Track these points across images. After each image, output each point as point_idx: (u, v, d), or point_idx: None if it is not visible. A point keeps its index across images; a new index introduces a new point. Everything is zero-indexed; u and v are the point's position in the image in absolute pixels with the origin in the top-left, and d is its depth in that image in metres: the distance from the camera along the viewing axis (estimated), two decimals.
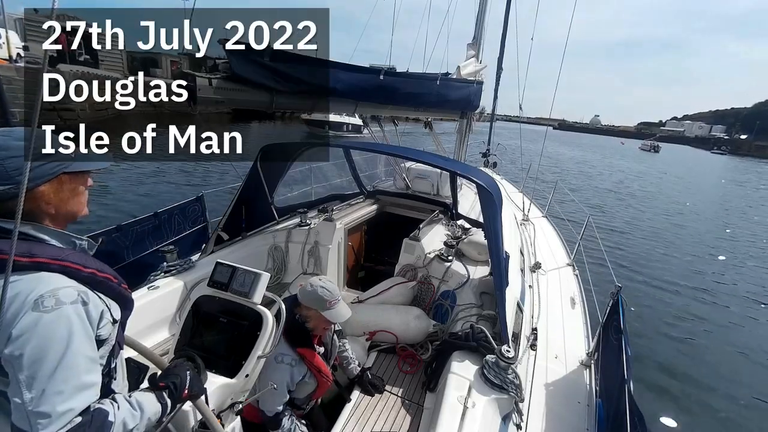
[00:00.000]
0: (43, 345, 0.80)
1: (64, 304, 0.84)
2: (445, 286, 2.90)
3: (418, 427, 2.07)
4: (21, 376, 0.79)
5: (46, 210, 0.93)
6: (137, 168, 12.48)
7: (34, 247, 0.88)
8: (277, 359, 1.79)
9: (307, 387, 1.91)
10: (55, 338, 0.81)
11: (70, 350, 0.83)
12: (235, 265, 1.92)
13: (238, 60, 2.36)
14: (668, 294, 7.60)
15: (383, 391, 2.29)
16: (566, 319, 3.12)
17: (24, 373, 0.79)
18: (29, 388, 0.79)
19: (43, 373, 0.80)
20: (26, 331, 0.80)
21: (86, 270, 0.92)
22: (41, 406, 0.79)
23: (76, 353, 0.84)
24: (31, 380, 0.79)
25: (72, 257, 0.91)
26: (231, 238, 3.09)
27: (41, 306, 0.81)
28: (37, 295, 0.82)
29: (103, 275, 0.96)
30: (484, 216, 2.60)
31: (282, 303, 1.76)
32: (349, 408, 2.15)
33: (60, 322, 0.83)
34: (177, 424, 1.49)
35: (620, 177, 25.82)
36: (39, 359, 0.80)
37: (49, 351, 0.81)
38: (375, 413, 2.18)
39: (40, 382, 0.79)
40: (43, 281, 0.85)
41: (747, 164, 55.21)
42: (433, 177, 4.51)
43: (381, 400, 2.26)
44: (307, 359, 1.84)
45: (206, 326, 1.89)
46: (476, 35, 5.48)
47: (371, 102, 3.44)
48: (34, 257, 0.85)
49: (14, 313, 0.81)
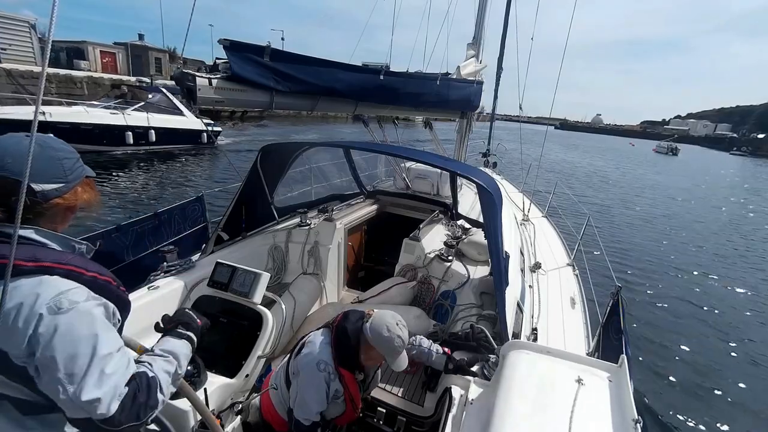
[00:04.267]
0: (72, 342, 0.84)
1: (79, 302, 0.88)
2: (445, 286, 2.90)
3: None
4: (59, 375, 0.83)
5: (77, 208, 1.03)
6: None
7: (38, 251, 0.90)
8: (320, 366, 1.67)
9: (335, 409, 1.79)
10: (80, 332, 0.86)
11: (98, 339, 0.88)
12: (235, 265, 1.93)
13: (238, 60, 2.36)
14: (669, 293, 7.60)
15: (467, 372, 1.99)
16: (566, 319, 3.11)
17: (61, 372, 0.83)
18: (71, 383, 0.83)
19: (79, 367, 0.84)
20: (50, 335, 0.83)
21: (88, 273, 0.94)
22: (88, 394, 0.83)
23: (103, 340, 0.89)
24: (71, 376, 0.83)
25: (74, 261, 0.93)
26: (231, 238, 3.09)
27: (57, 309, 0.84)
28: (47, 299, 0.85)
29: (103, 278, 0.98)
30: (484, 216, 2.60)
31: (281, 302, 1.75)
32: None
33: (81, 318, 0.87)
34: (177, 424, 1.50)
35: (667, 208, 15.78)
36: (72, 356, 0.84)
37: (79, 346, 0.85)
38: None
39: (79, 375, 0.84)
40: (48, 285, 0.87)
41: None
42: (433, 177, 4.52)
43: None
44: (345, 380, 1.72)
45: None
46: (476, 35, 5.48)
47: (371, 102, 3.44)
48: (38, 261, 0.87)
49: (27, 319, 0.83)
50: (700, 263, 9.67)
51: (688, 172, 33.29)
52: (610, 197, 17.26)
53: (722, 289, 8.15)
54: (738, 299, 7.73)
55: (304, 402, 1.66)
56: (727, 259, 10.22)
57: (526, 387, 1.49)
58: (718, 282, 8.54)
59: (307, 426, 1.68)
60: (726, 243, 11.85)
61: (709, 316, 6.91)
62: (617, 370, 1.58)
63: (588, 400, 1.42)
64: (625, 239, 10.93)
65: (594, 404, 1.41)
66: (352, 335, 1.71)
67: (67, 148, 1.00)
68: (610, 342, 2.66)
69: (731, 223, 14.55)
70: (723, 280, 8.67)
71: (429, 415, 2.10)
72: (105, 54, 29.11)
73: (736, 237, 12.72)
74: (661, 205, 16.69)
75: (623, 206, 15.57)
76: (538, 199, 6.23)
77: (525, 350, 1.69)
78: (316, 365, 1.67)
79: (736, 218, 15.67)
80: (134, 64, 30.53)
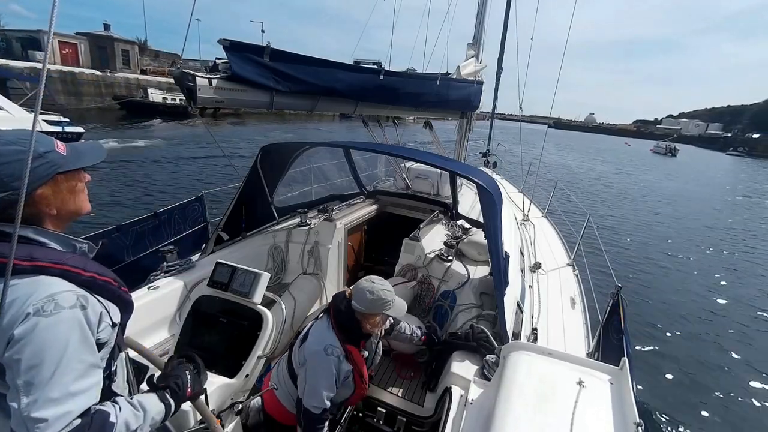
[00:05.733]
0: (41, 350, 0.80)
1: (63, 309, 0.83)
2: (445, 286, 2.90)
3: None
4: (18, 381, 0.79)
5: (48, 212, 0.93)
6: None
7: (35, 250, 0.87)
8: (327, 351, 1.69)
9: (344, 390, 1.83)
10: (52, 343, 0.81)
11: (67, 355, 0.83)
12: (235, 265, 1.93)
13: (238, 60, 2.36)
14: (669, 294, 7.61)
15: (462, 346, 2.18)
16: (566, 319, 3.11)
17: (21, 378, 0.78)
18: (27, 394, 0.78)
19: (40, 379, 0.79)
20: (24, 336, 0.79)
21: (86, 274, 0.92)
22: (38, 411, 0.78)
23: (72, 358, 0.84)
24: (29, 386, 0.78)
25: (72, 261, 0.91)
26: (231, 238, 3.08)
27: (41, 311, 0.81)
28: (36, 299, 0.82)
29: (102, 279, 0.96)
30: (484, 216, 2.60)
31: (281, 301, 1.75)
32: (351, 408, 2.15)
33: (58, 326, 0.82)
34: (177, 424, 1.49)
35: (691, 227, 13.41)
36: (36, 365, 0.79)
37: (46, 356, 0.80)
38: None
39: (37, 388, 0.79)
40: (41, 285, 0.84)
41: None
42: (433, 177, 4.52)
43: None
44: (353, 356, 1.77)
45: (206, 326, 1.89)
46: (476, 35, 5.48)
47: (371, 102, 3.44)
48: (34, 261, 0.85)
49: (13, 317, 0.80)
50: (701, 263, 9.68)
51: (697, 176, 30.97)
52: (612, 203, 17.09)
53: (723, 289, 8.15)
54: (740, 299, 7.73)
55: (314, 389, 1.67)
56: (729, 260, 10.22)
57: (527, 388, 1.49)
58: (719, 281, 8.54)
59: (317, 414, 1.69)
60: (727, 243, 11.86)
61: (710, 316, 6.91)
62: (618, 373, 1.57)
63: (589, 403, 1.42)
64: (625, 239, 10.93)
65: (595, 406, 1.41)
66: (347, 312, 1.77)
67: (10, 150, 0.84)
68: (610, 342, 2.66)
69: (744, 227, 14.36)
70: (723, 279, 8.68)
71: (429, 415, 2.10)
72: (65, 45, 26.92)
73: (743, 237, 12.69)
74: (667, 207, 16.61)
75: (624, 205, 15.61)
76: (538, 199, 6.23)
77: (526, 351, 1.69)
78: (324, 350, 1.69)
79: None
80: (99, 56, 28.43)
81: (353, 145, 3.52)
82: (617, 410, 1.40)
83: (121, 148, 16.13)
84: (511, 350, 1.72)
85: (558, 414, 1.37)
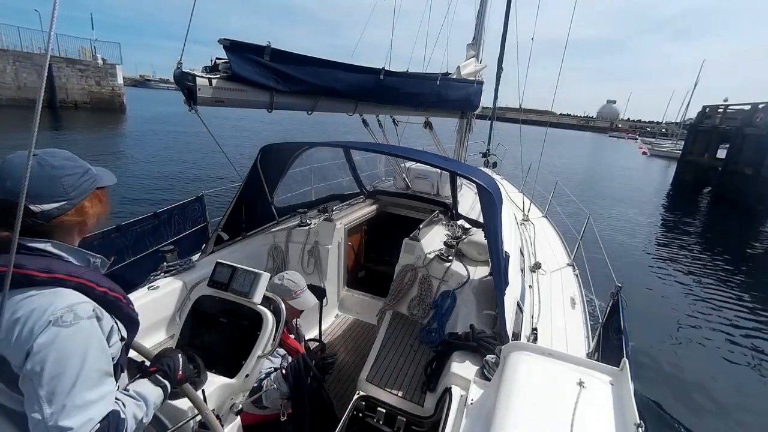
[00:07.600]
0: (62, 360, 0.82)
1: (82, 319, 0.86)
2: (445, 286, 2.89)
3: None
4: (41, 391, 0.80)
5: (85, 221, 1.00)
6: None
7: (53, 263, 0.90)
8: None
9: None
10: (73, 353, 0.84)
11: (87, 363, 0.85)
12: (235, 265, 1.92)
13: (238, 60, 2.36)
14: (669, 293, 7.60)
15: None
16: (566, 319, 3.11)
17: (44, 389, 0.80)
18: (50, 403, 0.80)
19: (62, 388, 0.81)
20: (46, 346, 0.81)
21: (99, 288, 0.94)
22: (64, 420, 0.80)
23: (92, 366, 0.86)
24: (51, 395, 0.80)
25: (87, 275, 0.93)
26: (231, 238, 3.08)
27: (60, 321, 0.83)
28: (55, 310, 0.84)
29: (114, 295, 0.98)
30: (484, 216, 2.60)
31: (281, 302, 1.76)
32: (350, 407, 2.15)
33: (78, 336, 0.85)
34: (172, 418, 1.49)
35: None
36: (58, 374, 0.81)
37: (68, 365, 0.83)
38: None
39: (60, 397, 0.81)
40: (59, 296, 0.86)
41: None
42: (433, 177, 4.51)
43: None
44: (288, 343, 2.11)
45: (206, 326, 1.89)
46: (476, 35, 5.48)
47: (371, 102, 3.44)
48: (52, 273, 0.87)
49: (31, 328, 0.82)
50: (701, 264, 9.67)
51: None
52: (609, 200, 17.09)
53: (724, 290, 8.15)
54: (741, 299, 7.73)
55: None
56: (730, 260, 10.22)
57: (527, 389, 1.49)
58: (719, 282, 8.54)
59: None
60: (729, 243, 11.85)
61: (711, 316, 6.91)
62: (619, 374, 1.57)
63: (589, 403, 1.42)
64: (625, 239, 10.93)
65: (595, 407, 1.41)
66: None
67: (70, 165, 0.97)
68: (610, 342, 2.66)
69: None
70: (724, 279, 8.68)
71: (429, 415, 2.10)
72: None
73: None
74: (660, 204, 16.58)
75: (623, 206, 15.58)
76: (538, 199, 6.23)
77: (526, 352, 1.69)
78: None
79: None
80: None
81: (353, 145, 3.52)
82: (617, 411, 1.40)
83: None
84: (511, 350, 1.72)
85: (558, 414, 1.37)
